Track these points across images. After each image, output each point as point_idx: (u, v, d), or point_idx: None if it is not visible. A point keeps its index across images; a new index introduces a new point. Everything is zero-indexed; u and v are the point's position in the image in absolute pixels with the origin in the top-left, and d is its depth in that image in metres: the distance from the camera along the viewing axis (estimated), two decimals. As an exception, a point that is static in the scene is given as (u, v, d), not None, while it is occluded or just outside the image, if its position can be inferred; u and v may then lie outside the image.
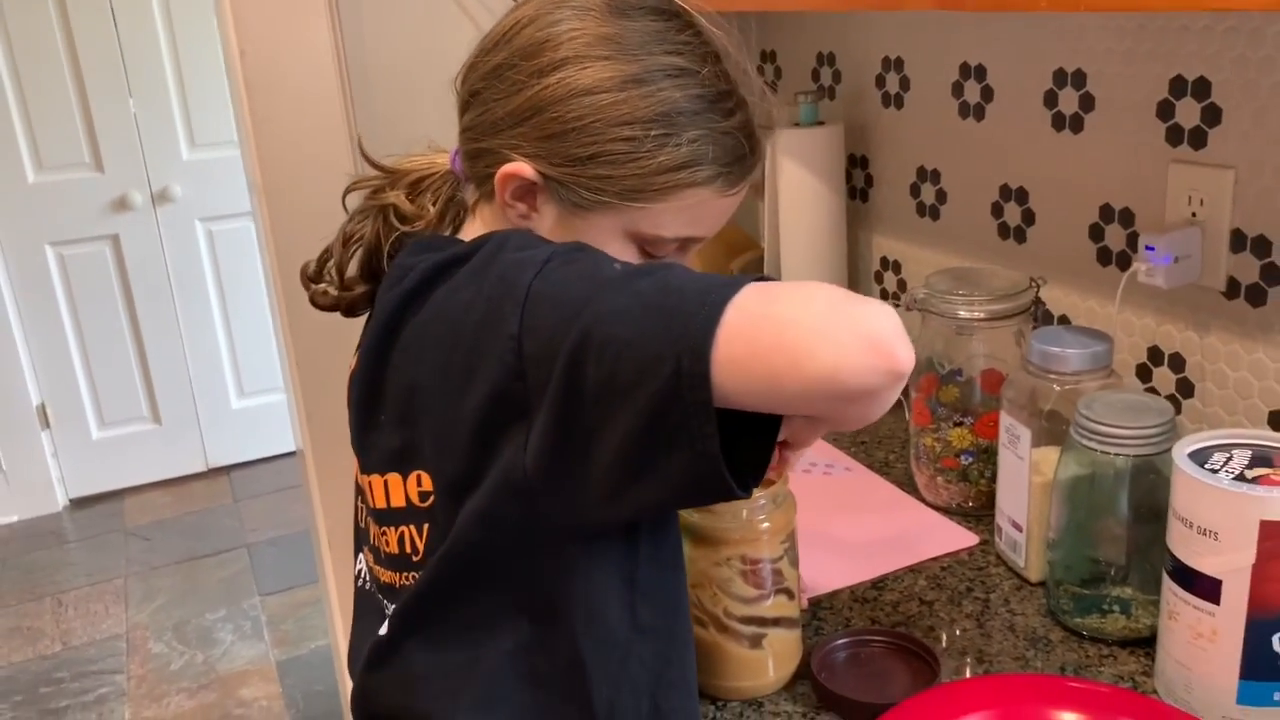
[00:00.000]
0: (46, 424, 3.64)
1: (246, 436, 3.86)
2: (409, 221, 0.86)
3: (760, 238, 1.88)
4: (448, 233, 0.87)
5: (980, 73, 1.39)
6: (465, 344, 0.69)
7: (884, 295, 1.69)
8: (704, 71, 0.77)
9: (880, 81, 1.59)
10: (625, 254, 0.78)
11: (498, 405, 0.68)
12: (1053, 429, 0.99)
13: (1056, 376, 0.99)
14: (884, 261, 1.67)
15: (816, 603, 1.02)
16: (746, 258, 1.81)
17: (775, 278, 0.64)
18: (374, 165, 0.90)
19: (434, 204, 0.86)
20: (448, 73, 0.86)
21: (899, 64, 1.55)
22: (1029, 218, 1.37)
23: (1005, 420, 1.02)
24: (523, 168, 0.77)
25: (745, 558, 0.85)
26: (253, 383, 3.83)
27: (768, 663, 0.89)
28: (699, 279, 0.64)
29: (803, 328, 0.60)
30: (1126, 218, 1.22)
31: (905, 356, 0.61)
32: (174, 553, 3.36)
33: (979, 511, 1.15)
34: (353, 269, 0.90)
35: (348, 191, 0.92)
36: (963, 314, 1.11)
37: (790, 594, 0.89)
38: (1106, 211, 1.25)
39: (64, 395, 3.63)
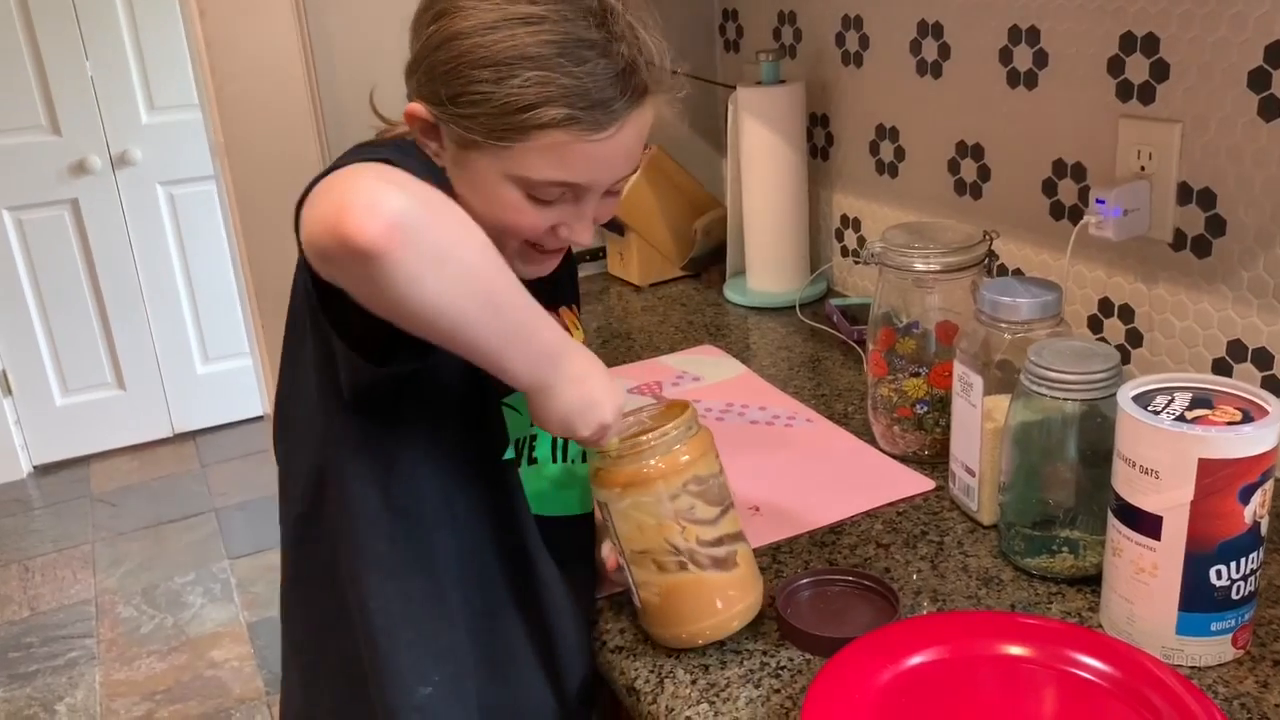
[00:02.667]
0: (8, 391, 3.61)
1: (212, 401, 3.85)
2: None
3: (724, 196, 1.90)
4: None
5: (938, 30, 1.42)
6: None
7: (845, 252, 1.71)
8: (558, 19, 0.81)
9: (840, 40, 1.61)
10: (511, 198, 0.85)
11: (302, 285, 0.81)
12: (1004, 377, 1.02)
13: (1007, 325, 1.01)
14: (844, 219, 1.70)
15: (775, 546, 1.05)
16: (710, 216, 1.82)
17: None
18: (382, 119, 0.98)
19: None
20: (405, 26, 0.89)
21: (858, 22, 1.56)
22: (984, 173, 1.40)
23: (958, 369, 1.05)
24: (417, 108, 0.86)
25: (697, 478, 0.86)
26: (217, 348, 3.81)
27: (750, 579, 0.90)
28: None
29: (328, 187, 0.68)
30: (1079, 172, 1.25)
31: (359, 228, 0.64)
32: (141, 518, 3.36)
33: (934, 459, 1.18)
34: None
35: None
36: (918, 267, 1.13)
37: (734, 507, 0.91)
38: (1059, 166, 1.28)
39: (25, 362, 3.60)
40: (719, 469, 0.89)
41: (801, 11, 1.69)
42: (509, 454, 0.91)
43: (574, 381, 0.81)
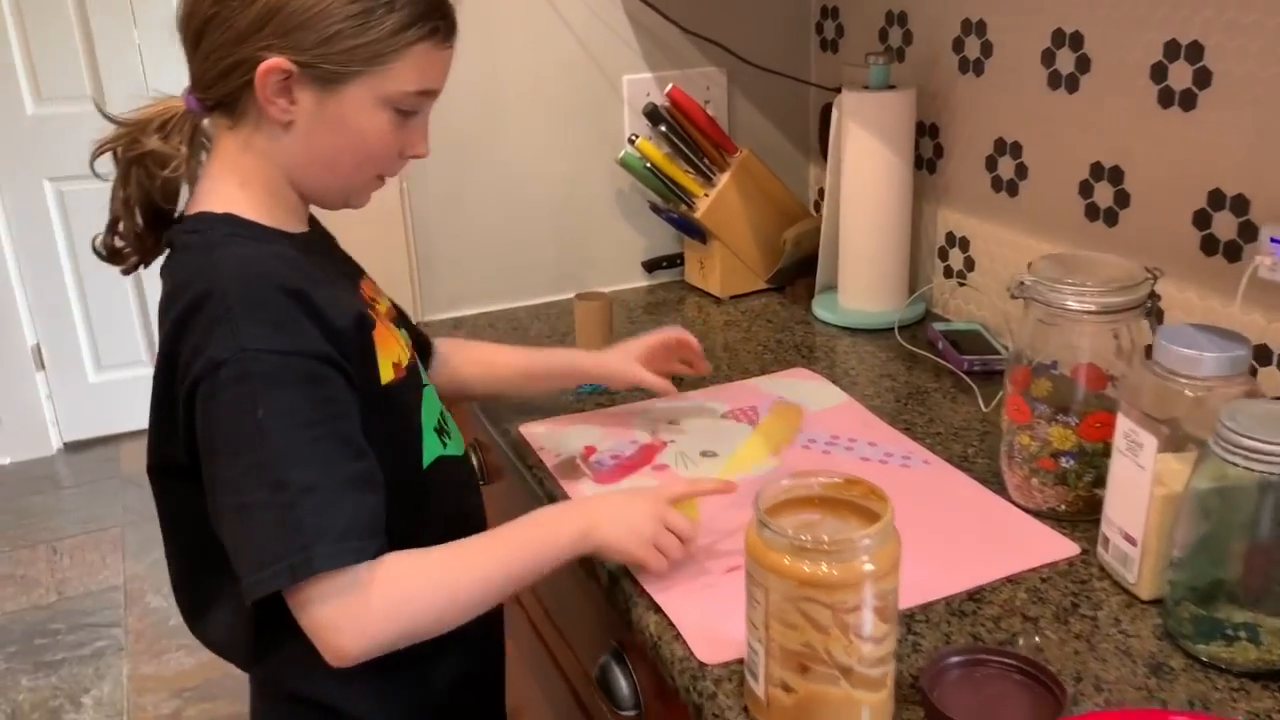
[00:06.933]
0: (41, 365, 3.54)
1: (247, 384, 3.76)
2: (167, 164, 0.94)
3: (810, 205, 1.80)
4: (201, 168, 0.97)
5: (1076, 40, 1.30)
6: None
7: (949, 273, 1.60)
8: None
9: (959, 45, 1.49)
10: (380, 124, 0.93)
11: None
12: (1176, 436, 0.91)
13: (1188, 380, 0.90)
14: (950, 237, 1.58)
15: (909, 614, 0.94)
16: (801, 226, 1.71)
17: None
18: (114, 121, 0.97)
19: (183, 144, 0.95)
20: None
21: (981, 27, 1.45)
22: (1122, 199, 1.28)
23: (1124, 424, 0.94)
24: (278, 61, 0.88)
25: (880, 593, 0.75)
26: (254, 330, 3.72)
27: (891, 700, 0.81)
28: None
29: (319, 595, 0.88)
30: (1239, 205, 1.14)
31: (347, 653, 0.88)
32: (172, 502, 3.28)
33: (1074, 517, 1.07)
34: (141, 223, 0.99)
35: (95, 155, 0.97)
36: (1071, 305, 1.02)
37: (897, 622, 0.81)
38: (1216, 197, 1.16)
39: (60, 336, 3.53)
40: (898, 582, 0.78)
41: (914, 13, 1.58)
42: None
43: (606, 523, 0.96)
